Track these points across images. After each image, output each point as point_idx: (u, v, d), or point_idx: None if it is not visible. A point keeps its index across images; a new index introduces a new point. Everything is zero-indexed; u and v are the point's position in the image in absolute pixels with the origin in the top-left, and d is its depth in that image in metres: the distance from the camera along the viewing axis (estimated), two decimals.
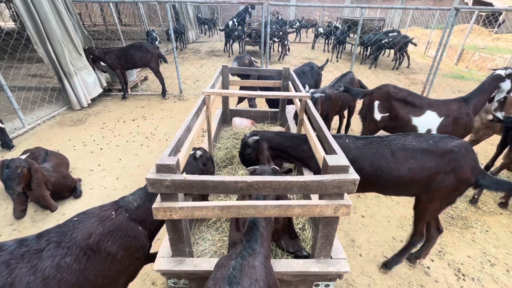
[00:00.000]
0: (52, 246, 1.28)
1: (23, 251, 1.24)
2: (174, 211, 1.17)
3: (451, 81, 8.43)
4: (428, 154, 1.83)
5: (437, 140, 1.86)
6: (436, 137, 1.89)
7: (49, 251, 1.26)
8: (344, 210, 1.19)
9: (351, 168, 1.16)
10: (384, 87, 3.43)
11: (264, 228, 1.29)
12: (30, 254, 1.23)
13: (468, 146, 1.83)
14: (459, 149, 1.79)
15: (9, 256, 1.20)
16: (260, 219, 1.30)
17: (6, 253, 1.21)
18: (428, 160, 1.83)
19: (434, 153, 1.83)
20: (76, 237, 1.32)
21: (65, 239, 1.31)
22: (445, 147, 1.82)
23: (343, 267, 1.37)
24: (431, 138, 1.89)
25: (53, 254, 1.26)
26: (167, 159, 1.13)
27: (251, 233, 1.23)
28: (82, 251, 1.30)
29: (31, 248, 1.26)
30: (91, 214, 1.44)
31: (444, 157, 1.80)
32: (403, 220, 3.14)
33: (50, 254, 1.26)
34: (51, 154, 3.37)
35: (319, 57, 11.70)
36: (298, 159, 2.25)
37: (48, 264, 1.23)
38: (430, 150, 1.83)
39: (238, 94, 2.13)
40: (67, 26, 5.43)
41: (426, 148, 1.84)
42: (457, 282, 2.43)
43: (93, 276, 1.33)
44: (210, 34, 18.74)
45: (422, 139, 1.89)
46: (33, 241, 1.29)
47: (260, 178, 1.11)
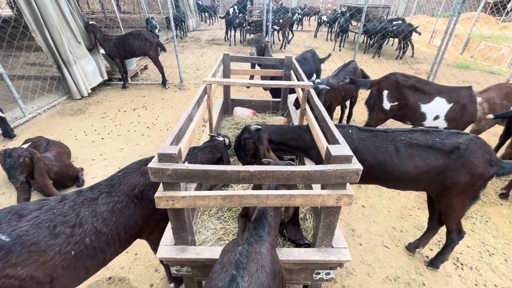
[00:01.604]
0: (104, 195, 1.53)
1: (82, 199, 1.49)
2: (177, 200, 1.17)
3: (455, 71, 8.30)
4: (434, 152, 1.81)
5: (443, 137, 1.83)
6: (443, 134, 1.85)
7: (103, 199, 1.52)
8: (346, 200, 1.19)
9: (354, 158, 1.15)
10: (392, 75, 3.39)
11: (273, 218, 1.29)
12: (88, 201, 1.49)
13: (478, 140, 1.80)
14: (467, 145, 1.76)
15: (72, 203, 1.45)
16: (270, 208, 1.30)
17: (69, 200, 1.46)
18: (434, 158, 1.81)
19: (441, 150, 1.80)
20: (123, 188, 1.57)
21: (114, 189, 1.57)
22: (451, 144, 1.78)
23: (344, 256, 1.39)
24: (438, 135, 1.85)
25: (107, 201, 1.52)
26: (169, 148, 1.12)
27: (259, 221, 1.24)
28: (129, 199, 1.56)
29: (88, 197, 1.51)
30: (132, 169, 1.68)
31: (451, 154, 1.78)
32: (404, 211, 3.16)
33: (104, 201, 1.51)
34: (52, 143, 3.37)
35: (322, 45, 11.51)
36: (299, 150, 2.24)
37: (105, 209, 1.49)
38: (436, 148, 1.81)
39: (239, 83, 2.09)
40: (64, 12, 5.32)
41: (432, 146, 1.82)
42: (455, 271, 2.46)
43: (140, 219, 1.60)
44: (211, 22, 18.37)
45: (429, 136, 1.85)
46: (88, 192, 1.54)
47: (263, 168, 1.10)
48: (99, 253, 1.47)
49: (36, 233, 1.28)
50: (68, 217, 1.41)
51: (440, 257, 2.39)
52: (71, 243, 1.36)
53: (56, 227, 1.35)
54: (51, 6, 5.01)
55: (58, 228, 1.35)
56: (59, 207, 1.43)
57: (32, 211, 1.37)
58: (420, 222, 2.98)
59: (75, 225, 1.40)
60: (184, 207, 1.20)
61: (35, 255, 1.25)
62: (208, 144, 2.20)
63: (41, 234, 1.29)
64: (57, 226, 1.35)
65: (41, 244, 1.28)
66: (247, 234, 1.17)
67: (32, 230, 1.28)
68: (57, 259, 1.31)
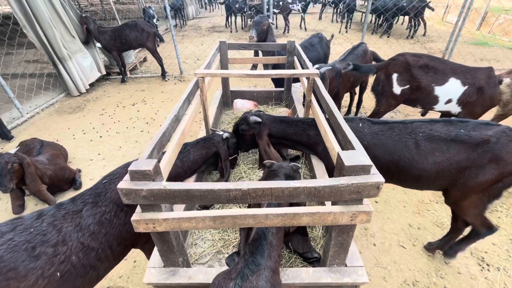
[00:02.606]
0: (89, 206, 1.40)
1: (63, 213, 1.35)
2: (158, 223, 0.98)
3: (473, 48, 7.74)
4: (456, 146, 1.56)
5: (470, 129, 1.56)
6: (470, 124, 1.59)
7: (88, 210, 1.39)
8: (363, 218, 0.97)
9: (373, 167, 0.92)
10: (401, 56, 3.07)
11: (274, 236, 1.09)
12: (70, 215, 1.36)
13: (511, 133, 1.54)
14: (498, 138, 1.51)
15: (52, 219, 1.31)
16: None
17: (48, 216, 1.32)
18: (456, 153, 1.56)
19: (465, 144, 1.55)
20: (111, 197, 1.44)
21: (101, 199, 1.43)
22: (479, 137, 1.53)
23: (360, 277, 1.18)
24: (463, 126, 1.59)
25: (93, 213, 1.39)
26: (143, 164, 0.92)
27: (257, 244, 1.04)
28: (119, 208, 1.44)
29: (70, 210, 1.37)
30: (119, 174, 1.54)
31: (478, 148, 1.53)
32: (420, 205, 2.92)
33: (90, 213, 1.38)
34: (46, 145, 3.22)
35: (327, 28, 10.94)
36: (303, 146, 2.01)
37: (91, 221, 1.37)
38: (460, 141, 1.55)
39: (234, 74, 1.85)
40: (56, 6, 5.07)
41: (456, 139, 1.56)
42: (480, 273, 2.24)
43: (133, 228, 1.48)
44: (211, 9, 17.75)
45: (452, 128, 1.60)
46: (69, 204, 1.41)
47: (258, 185, 0.88)
48: (90, 271, 1.36)
49: (13, 258, 1.16)
50: (49, 235, 1.27)
51: (457, 246, 2.17)
52: (55, 264, 1.23)
53: (36, 248, 1.22)
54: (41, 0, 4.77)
55: (38, 249, 1.22)
56: (36, 225, 1.29)
57: (4, 233, 1.22)
58: (439, 218, 2.75)
59: (57, 243, 1.27)
60: (168, 230, 1.00)
61: (14, 282, 1.14)
62: (201, 138, 2.00)
63: (19, 258, 1.17)
64: (37, 247, 1.22)
65: (19, 269, 1.15)
66: (242, 262, 0.97)
67: (7, 255, 1.16)
68: (41, 284, 1.19)
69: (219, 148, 1.96)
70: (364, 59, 3.91)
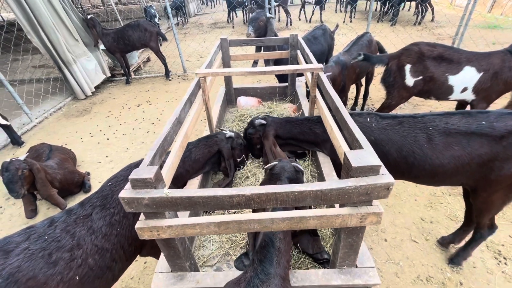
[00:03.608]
0: (98, 209, 1.43)
1: (74, 218, 1.38)
2: (162, 230, 0.97)
3: (484, 32, 7.43)
4: (478, 139, 1.47)
5: (492, 120, 1.47)
6: (492, 115, 1.50)
7: (98, 213, 1.42)
8: (373, 219, 0.93)
9: (382, 167, 0.87)
10: (415, 46, 2.95)
11: (282, 241, 1.06)
12: (81, 219, 1.38)
13: None
14: None
15: (64, 225, 1.34)
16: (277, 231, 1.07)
17: (60, 222, 1.35)
18: (478, 146, 1.47)
19: (488, 136, 1.46)
20: (118, 198, 1.39)
21: (108, 201, 1.46)
22: (504, 128, 1.44)
23: (372, 278, 1.15)
24: (484, 117, 1.50)
25: (103, 215, 1.42)
26: (144, 171, 0.90)
27: (265, 251, 1.01)
28: None
29: (80, 214, 1.40)
30: (123, 176, 1.56)
31: (503, 140, 1.44)
32: (432, 198, 2.84)
33: (100, 216, 1.41)
34: (55, 149, 3.27)
35: (331, 18, 10.68)
36: (311, 144, 1.97)
37: (102, 223, 1.40)
38: (483, 134, 1.46)
39: (235, 72, 1.81)
40: (58, 11, 5.10)
41: (477, 131, 1.47)
42: (497, 267, 2.17)
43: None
44: (212, 5, 17.60)
45: (471, 120, 1.50)
46: (79, 209, 1.43)
47: (262, 189, 0.85)
48: (106, 272, 1.39)
49: (31, 266, 1.18)
50: (63, 241, 1.29)
51: (463, 253, 2.11)
52: (73, 268, 1.26)
53: (52, 254, 1.24)
54: (43, 5, 4.80)
55: (54, 255, 1.24)
56: (49, 232, 1.32)
57: (19, 243, 1.24)
58: (453, 211, 2.67)
59: (73, 247, 1.29)
60: (172, 236, 0.99)
61: None
62: (203, 137, 1.99)
63: (37, 266, 1.20)
64: (53, 254, 1.24)
65: (39, 277, 1.17)
66: (251, 271, 0.95)
67: (25, 264, 1.18)
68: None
69: (221, 147, 1.94)
70: (369, 50, 3.79)
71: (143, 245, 1.62)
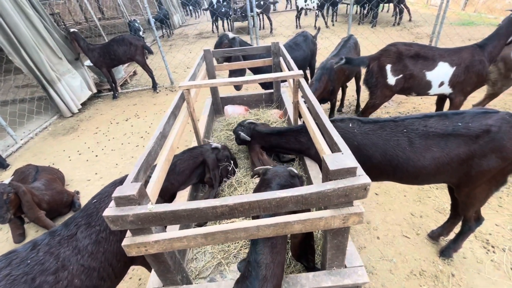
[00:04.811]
0: (83, 228, 1.41)
1: (58, 239, 1.35)
2: (149, 246, 0.97)
3: (460, 29, 7.74)
4: (456, 140, 1.53)
5: (467, 121, 1.53)
6: (467, 116, 1.56)
7: (83, 232, 1.39)
8: (355, 219, 0.96)
9: (359, 169, 0.91)
10: (393, 47, 3.09)
11: (269, 266, 1.01)
12: (65, 240, 1.36)
13: (511, 118, 1.51)
14: (499, 127, 1.48)
15: (48, 247, 1.31)
16: (263, 253, 1.01)
17: (43, 245, 1.32)
18: (457, 147, 1.53)
19: (465, 137, 1.52)
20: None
21: (93, 219, 1.44)
22: (479, 128, 1.50)
23: (361, 277, 1.17)
24: (459, 119, 1.56)
25: (88, 234, 1.39)
26: (127, 188, 0.91)
27: (245, 284, 0.97)
28: None
29: (64, 235, 1.38)
30: (108, 193, 1.55)
31: (479, 139, 1.50)
32: (421, 193, 2.91)
33: (85, 234, 1.39)
34: (42, 170, 3.21)
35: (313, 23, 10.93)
36: (296, 151, 2.01)
37: (88, 242, 1.37)
38: (459, 134, 1.52)
39: (219, 83, 1.84)
40: (39, 29, 5.07)
41: (454, 133, 1.53)
42: (486, 256, 2.23)
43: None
44: (197, 15, 17.77)
45: (448, 122, 1.56)
46: (63, 230, 1.40)
47: (244, 198, 0.87)
48: None
49: None
50: (47, 264, 1.27)
51: (453, 245, 2.17)
52: None
53: (35, 278, 1.22)
54: (24, 25, 4.77)
55: (38, 279, 1.22)
56: (32, 256, 1.29)
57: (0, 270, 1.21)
58: (441, 204, 2.74)
59: (57, 270, 1.27)
60: (160, 251, 0.99)
61: None
62: (188, 149, 2.00)
63: None
64: (36, 278, 1.23)
65: None
66: None
67: None
68: None
69: (206, 157, 1.93)
70: (355, 51, 3.93)
71: (133, 259, 1.60)
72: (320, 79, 3.32)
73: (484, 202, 1.85)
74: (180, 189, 1.86)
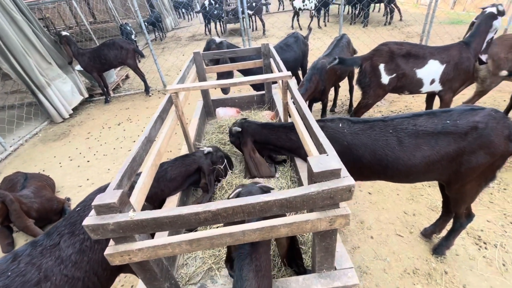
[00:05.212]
0: (67, 237, 1.37)
1: (40, 250, 1.32)
2: (133, 254, 0.95)
3: (449, 28, 7.85)
4: (445, 138, 1.54)
5: (455, 118, 1.54)
6: (454, 114, 1.57)
7: (66, 241, 1.36)
8: (341, 221, 0.95)
9: (343, 170, 0.90)
10: (384, 46, 3.12)
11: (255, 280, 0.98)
12: (48, 250, 1.32)
13: (496, 114, 1.52)
14: (486, 123, 1.49)
15: (29, 258, 1.29)
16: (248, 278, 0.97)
17: (25, 256, 1.29)
18: (446, 144, 1.54)
19: (454, 134, 1.52)
20: None
21: (77, 227, 1.40)
22: (466, 125, 1.51)
23: (351, 279, 1.16)
24: (447, 117, 1.57)
25: (72, 243, 1.36)
26: (107, 196, 0.88)
27: None
28: None
29: (46, 245, 1.34)
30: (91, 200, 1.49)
31: (467, 136, 1.51)
32: (413, 191, 2.92)
33: (68, 243, 1.35)
34: (31, 177, 3.15)
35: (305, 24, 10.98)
36: (287, 150, 2.00)
37: (71, 251, 1.34)
38: (448, 132, 1.53)
39: (207, 86, 1.83)
40: (27, 34, 5.00)
41: (443, 131, 1.54)
42: (478, 252, 2.24)
43: None
44: (190, 18, 17.73)
45: (437, 120, 1.57)
46: (45, 239, 1.37)
47: (228, 203, 0.86)
48: None
49: None
50: (29, 275, 1.24)
51: (445, 243, 2.18)
52: None
53: None
54: (11, 30, 4.69)
55: None
56: (13, 267, 1.26)
57: None
58: (433, 201, 2.75)
59: (39, 281, 1.24)
60: (144, 259, 0.97)
61: None
62: (180, 156, 1.97)
63: None
64: None
65: None
66: None
67: None
68: None
69: (201, 164, 1.93)
70: (348, 50, 3.94)
71: (121, 267, 1.57)
72: (311, 79, 3.32)
73: (474, 198, 1.86)
74: (171, 195, 1.84)
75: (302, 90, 3.30)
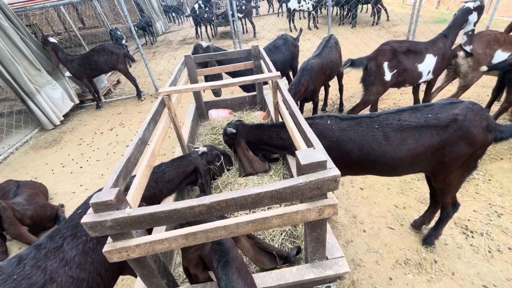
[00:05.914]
0: (70, 239, 1.40)
1: (44, 252, 1.34)
2: (131, 250, 0.98)
3: (434, 27, 8.07)
4: (428, 130, 1.62)
5: (436, 112, 1.62)
6: (435, 108, 1.66)
7: (69, 244, 1.38)
8: (330, 211, 1.01)
9: (329, 162, 0.96)
10: (386, 45, 3.32)
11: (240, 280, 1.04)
12: (52, 252, 1.35)
13: (474, 107, 1.61)
14: (465, 115, 1.57)
15: (34, 261, 1.30)
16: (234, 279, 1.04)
17: (29, 259, 1.31)
18: (429, 137, 1.62)
19: (436, 127, 1.61)
20: None
21: (79, 229, 1.43)
22: (447, 118, 1.60)
23: (342, 267, 1.22)
24: (429, 110, 1.65)
25: (75, 245, 1.38)
26: (105, 194, 0.92)
27: None
28: None
29: (50, 247, 1.36)
30: None
31: (448, 128, 1.59)
32: (403, 185, 3.01)
33: (72, 245, 1.38)
34: (23, 185, 3.12)
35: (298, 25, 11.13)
36: (279, 148, 2.06)
37: (75, 253, 1.36)
38: (431, 125, 1.61)
39: (198, 88, 1.87)
40: (15, 41, 4.95)
41: (425, 124, 1.62)
42: (466, 241, 2.33)
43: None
44: (180, 22, 17.73)
45: (419, 114, 1.65)
46: (48, 242, 1.39)
47: (221, 197, 0.90)
48: None
49: None
50: (34, 278, 1.26)
51: (434, 233, 2.27)
52: None
53: None
54: None
55: None
56: (18, 271, 1.28)
57: None
58: (422, 194, 2.84)
59: (45, 283, 1.26)
60: (142, 255, 1.00)
61: None
62: (177, 157, 2.01)
63: None
64: None
65: None
66: None
67: None
68: None
69: (197, 164, 1.96)
70: (337, 49, 4.03)
71: (122, 267, 1.59)
72: (300, 82, 3.40)
73: (458, 188, 1.94)
74: (168, 195, 1.87)
75: (294, 90, 3.38)
